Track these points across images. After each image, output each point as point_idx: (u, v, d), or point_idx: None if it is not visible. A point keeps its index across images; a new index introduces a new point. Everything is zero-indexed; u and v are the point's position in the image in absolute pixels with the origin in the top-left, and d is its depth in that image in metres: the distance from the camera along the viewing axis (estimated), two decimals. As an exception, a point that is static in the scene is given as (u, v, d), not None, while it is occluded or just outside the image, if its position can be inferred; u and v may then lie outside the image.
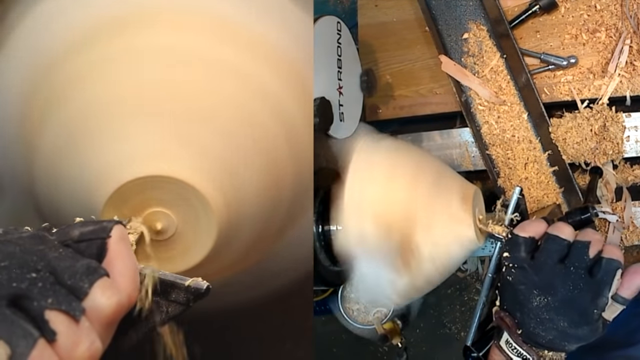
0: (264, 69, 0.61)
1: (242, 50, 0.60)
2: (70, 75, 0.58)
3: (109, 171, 0.55)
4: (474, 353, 0.67)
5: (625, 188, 0.90)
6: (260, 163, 0.60)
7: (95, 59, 0.58)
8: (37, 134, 0.59)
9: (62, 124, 0.58)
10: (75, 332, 0.38)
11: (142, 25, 0.58)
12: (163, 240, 0.57)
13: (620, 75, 0.89)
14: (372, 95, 1.00)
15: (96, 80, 0.57)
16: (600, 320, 0.58)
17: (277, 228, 0.66)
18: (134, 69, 0.58)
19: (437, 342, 1.59)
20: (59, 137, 0.58)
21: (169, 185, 0.55)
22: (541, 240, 0.61)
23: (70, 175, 0.57)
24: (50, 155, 0.59)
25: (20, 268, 0.37)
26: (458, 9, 0.97)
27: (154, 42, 0.58)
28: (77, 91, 0.58)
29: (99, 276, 0.40)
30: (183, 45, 0.59)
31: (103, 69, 0.58)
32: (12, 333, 0.34)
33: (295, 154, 0.62)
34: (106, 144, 0.56)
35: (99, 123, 0.57)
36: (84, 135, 0.57)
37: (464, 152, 1.00)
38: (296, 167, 0.64)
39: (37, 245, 0.40)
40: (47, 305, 0.37)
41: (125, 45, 0.58)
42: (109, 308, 0.40)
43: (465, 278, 1.59)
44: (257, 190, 0.60)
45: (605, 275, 0.57)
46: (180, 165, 0.55)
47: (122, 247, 0.44)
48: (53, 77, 0.58)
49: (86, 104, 0.57)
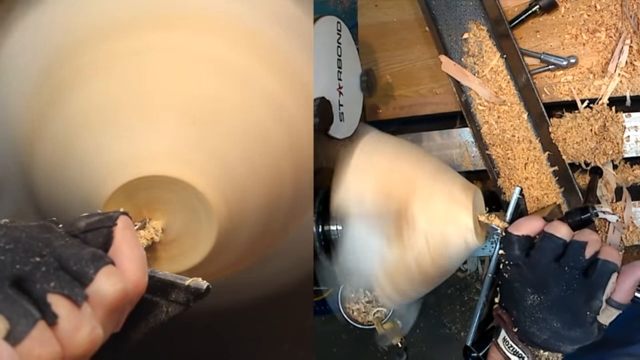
0: (266, 70, 0.61)
1: (244, 50, 0.60)
2: (74, 74, 0.58)
3: (110, 171, 0.55)
4: (474, 353, 0.67)
5: (625, 188, 0.90)
6: (260, 163, 0.60)
7: (100, 58, 0.58)
8: (38, 133, 0.59)
9: (65, 122, 0.58)
10: (76, 317, 0.38)
11: (153, 26, 0.58)
12: (163, 240, 0.57)
13: (620, 75, 0.89)
14: (372, 95, 1.00)
15: (101, 79, 0.58)
16: (595, 324, 0.57)
17: (277, 228, 0.66)
18: (139, 69, 0.58)
19: (437, 342, 1.59)
20: (61, 137, 0.58)
21: (169, 186, 0.55)
22: (538, 238, 0.60)
23: (71, 174, 0.57)
24: (51, 155, 0.59)
25: (25, 252, 0.37)
26: (458, 9, 0.97)
27: (163, 43, 0.58)
28: (80, 89, 0.58)
29: (104, 263, 0.40)
30: (189, 47, 0.59)
31: (108, 68, 0.58)
32: (13, 311, 0.34)
33: (295, 154, 0.62)
34: (108, 143, 0.56)
35: (102, 123, 0.57)
36: (86, 135, 0.57)
37: (464, 152, 1.00)
38: (296, 167, 0.64)
39: (44, 234, 0.40)
40: (49, 288, 0.37)
41: (131, 45, 0.58)
42: (114, 295, 0.40)
43: (465, 278, 1.59)
44: (257, 190, 0.60)
45: (599, 276, 0.56)
46: (181, 165, 0.55)
47: (128, 234, 0.44)
48: (55, 76, 0.58)
49: (90, 103, 0.57)
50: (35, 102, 0.59)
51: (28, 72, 0.60)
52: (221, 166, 0.57)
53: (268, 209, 0.63)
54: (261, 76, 0.61)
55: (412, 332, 1.57)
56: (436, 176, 0.65)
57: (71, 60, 0.58)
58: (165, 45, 0.58)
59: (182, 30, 0.59)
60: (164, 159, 0.56)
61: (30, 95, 0.59)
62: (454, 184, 0.64)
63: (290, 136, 0.62)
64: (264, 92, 0.61)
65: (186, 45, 0.59)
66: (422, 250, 0.63)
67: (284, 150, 0.62)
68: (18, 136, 0.61)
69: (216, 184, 0.57)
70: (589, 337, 0.58)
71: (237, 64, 0.60)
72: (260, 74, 0.60)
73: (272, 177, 0.61)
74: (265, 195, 0.61)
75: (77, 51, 0.58)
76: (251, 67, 0.60)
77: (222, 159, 0.58)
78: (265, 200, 0.62)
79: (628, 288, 0.56)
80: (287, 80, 0.62)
